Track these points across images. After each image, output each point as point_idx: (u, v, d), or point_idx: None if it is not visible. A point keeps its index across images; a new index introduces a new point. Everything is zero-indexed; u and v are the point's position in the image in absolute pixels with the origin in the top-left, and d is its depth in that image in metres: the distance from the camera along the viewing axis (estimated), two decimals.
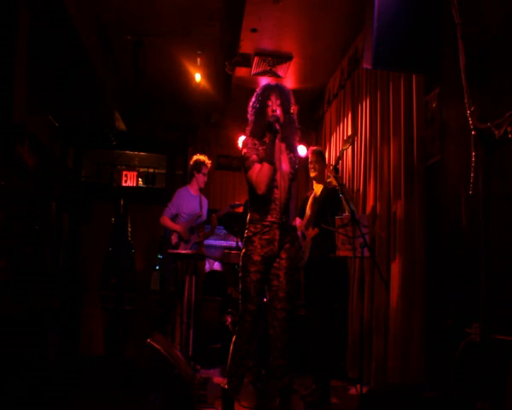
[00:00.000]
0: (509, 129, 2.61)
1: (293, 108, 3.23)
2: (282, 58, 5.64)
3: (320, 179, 4.33)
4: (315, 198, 4.15)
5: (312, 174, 4.36)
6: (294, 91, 6.42)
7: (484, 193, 2.85)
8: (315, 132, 7.18)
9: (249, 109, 3.19)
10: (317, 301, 4.07)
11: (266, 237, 3.01)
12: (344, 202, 3.78)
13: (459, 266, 3.11)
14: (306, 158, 7.20)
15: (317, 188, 4.29)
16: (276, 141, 3.07)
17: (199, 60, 5.55)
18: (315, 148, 4.54)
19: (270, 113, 3.06)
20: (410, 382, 3.54)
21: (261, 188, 2.96)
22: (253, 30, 5.08)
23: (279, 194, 3.03)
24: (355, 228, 3.52)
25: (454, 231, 3.19)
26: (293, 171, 3.15)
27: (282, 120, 3.05)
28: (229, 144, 7.42)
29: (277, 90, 3.14)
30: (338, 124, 5.94)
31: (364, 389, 3.23)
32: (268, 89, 3.15)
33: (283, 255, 3.05)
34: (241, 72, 5.92)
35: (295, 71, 6.01)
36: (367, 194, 4.73)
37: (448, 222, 3.28)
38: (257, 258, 2.99)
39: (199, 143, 7.57)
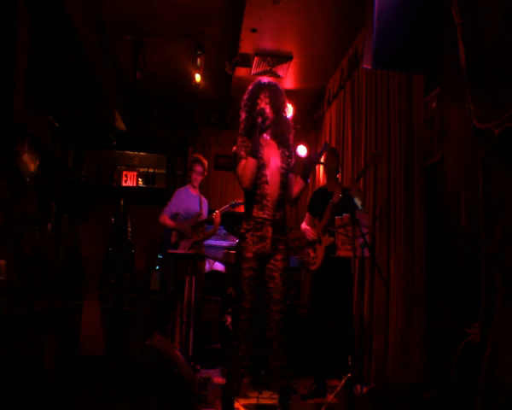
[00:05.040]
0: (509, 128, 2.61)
1: (287, 106, 3.21)
2: (282, 58, 5.65)
3: (332, 176, 4.25)
4: (334, 205, 3.98)
5: (325, 171, 4.28)
6: (294, 91, 6.54)
7: (484, 193, 2.85)
8: (315, 132, 7.19)
9: (241, 108, 3.18)
10: (324, 302, 4.06)
11: (258, 233, 2.98)
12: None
13: (459, 266, 3.12)
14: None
15: (331, 185, 4.18)
16: (266, 137, 3.08)
17: (199, 60, 5.55)
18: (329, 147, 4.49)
19: (257, 109, 3.05)
20: (410, 382, 3.54)
21: (244, 182, 2.97)
22: (253, 30, 5.09)
23: (270, 190, 3.01)
24: (355, 228, 3.52)
25: (454, 231, 3.19)
26: (286, 166, 3.10)
27: (270, 116, 3.04)
28: (228, 144, 7.42)
29: (267, 87, 3.13)
30: (338, 124, 5.95)
31: (364, 389, 3.23)
32: (258, 87, 3.14)
33: (278, 257, 3.02)
34: (241, 72, 5.92)
35: (295, 71, 6.01)
36: (367, 194, 4.73)
37: (448, 222, 3.28)
38: (249, 255, 2.96)
39: (199, 143, 7.57)
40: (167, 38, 5.60)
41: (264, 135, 3.09)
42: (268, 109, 3.06)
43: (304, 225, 4.28)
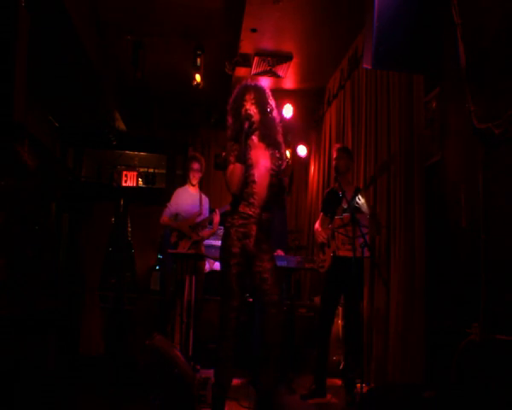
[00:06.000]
0: (509, 129, 2.61)
1: (273, 107, 3.19)
2: (282, 58, 5.65)
3: (343, 175, 4.16)
4: (344, 209, 3.94)
5: (336, 170, 4.18)
6: (294, 91, 6.55)
7: (484, 193, 2.85)
8: (315, 132, 7.19)
9: (228, 111, 3.20)
10: (333, 302, 4.06)
11: (242, 230, 2.96)
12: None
13: (459, 266, 3.11)
14: (304, 157, 7.18)
15: (344, 184, 4.06)
16: (254, 139, 3.10)
17: (199, 60, 5.55)
18: (339, 145, 4.41)
19: (243, 113, 3.07)
20: (410, 382, 3.54)
21: (231, 187, 2.99)
22: (253, 30, 5.09)
23: (257, 189, 3.00)
24: (355, 228, 3.52)
25: (454, 231, 3.19)
26: (276, 168, 3.08)
27: (257, 117, 3.06)
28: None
29: (252, 89, 3.13)
30: (338, 124, 5.95)
31: (364, 389, 3.23)
32: (243, 89, 3.15)
33: (264, 257, 2.98)
34: (241, 72, 5.92)
35: (295, 71, 6.01)
36: (366, 194, 4.72)
37: (448, 222, 3.28)
38: (235, 250, 2.94)
39: (199, 144, 7.58)
40: (167, 38, 5.60)
41: (253, 137, 3.10)
42: (254, 109, 3.07)
43: (316, 226, 4.26)
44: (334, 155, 4.24)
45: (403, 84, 4.03)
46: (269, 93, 3.18)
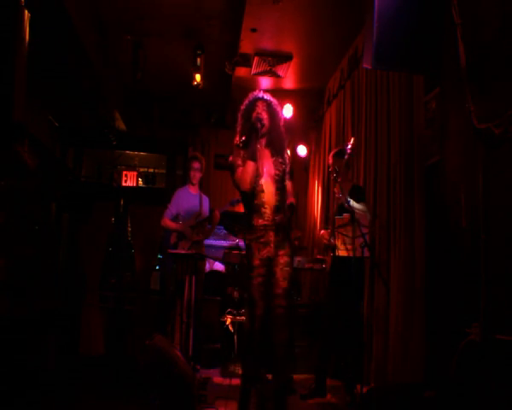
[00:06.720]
0: (508, 129, 2.61)
1: (282, 119, 3.35)
2: (282, 58, 5.65)
3: (344, 175, 4.05)
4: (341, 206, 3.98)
5: (334, 177, 4.06)
6: (294, 91, 6.55)
7: (484, 193, 2.85)
8: (315, 132, 7.18)
9: (238, 119, 3.33)
10: (336, 301, 4.05)
11: (262, 240, 3.12)
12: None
13: (459, 266, 3.11)
14: (307, 158, 7.20)
15: (343, 186, 3.97)
16: (260, 147, 3.21)
17: (199, 60, 5.55)
18: (333, 151, 4.36)
19: (255, 115, 3.21)
20: (410, 382, 3.54)
21: (243, 185, 3.11)
22: (253, 30, 5.09)
23: (266, 198, 3.15)
24: (355, 228, 3.52)
25: (454, 231, 3.19)
26: (280, 173, 3.23)
27: (267, 123, 3.20)
28: (228, 144, 7.41)
29: (264, 99, 3.30)
30: (338, 124, 5.94)
31: (364, 389, 3.23)
32: (255, 98, 3.31)
33: (280, 253, 3.14)
34: (241, 72, 5.92)
35: (295, 71, 6.01)
36: (366, 194, 4.72)
37: (448, 222, 3.28)
38: (256, 262, 3.09)
39: (199, 143, 7.58)
40: (167, 38, 5.60)
41: (258, 146, 3.19)
42: (265, 115, 3.22)
43: (322, 231, 4.29)
44: (331, 162, 4.23)
45: (403, 84, 4.03)
46: (279, 108, 3.37)
